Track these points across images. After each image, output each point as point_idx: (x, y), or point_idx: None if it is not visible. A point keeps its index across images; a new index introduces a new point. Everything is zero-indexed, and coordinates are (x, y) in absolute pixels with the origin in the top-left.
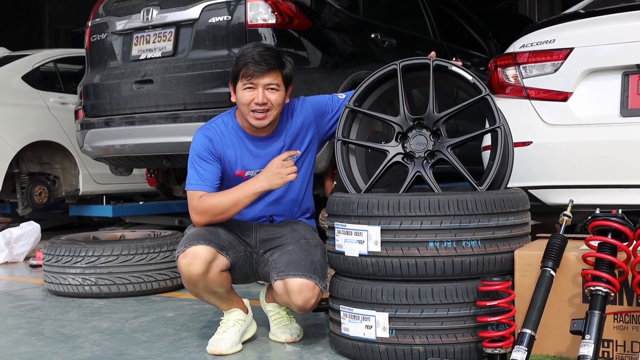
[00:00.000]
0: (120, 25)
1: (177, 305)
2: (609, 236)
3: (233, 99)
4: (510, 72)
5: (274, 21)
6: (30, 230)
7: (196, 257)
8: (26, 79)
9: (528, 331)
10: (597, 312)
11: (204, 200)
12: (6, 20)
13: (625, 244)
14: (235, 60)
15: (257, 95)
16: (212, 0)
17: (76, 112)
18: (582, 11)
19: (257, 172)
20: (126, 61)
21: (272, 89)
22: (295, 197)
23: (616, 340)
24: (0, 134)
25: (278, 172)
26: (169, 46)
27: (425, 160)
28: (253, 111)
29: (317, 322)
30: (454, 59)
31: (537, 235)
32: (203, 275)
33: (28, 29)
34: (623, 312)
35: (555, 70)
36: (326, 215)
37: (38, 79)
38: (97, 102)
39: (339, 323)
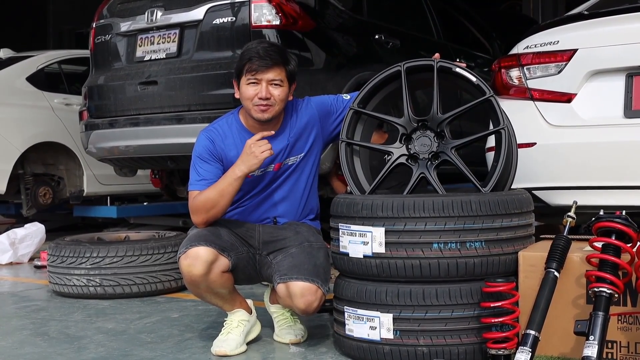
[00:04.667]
0: (125, 26)
1: (181, 306)
2: (613, 237)
3: (237, 95)
4: (514, 73)
5: (278, 22)
6: (34, 231)
7: (197, 258)
8: (31, 80)
9: (532, 332)
10: (600, 313)
11: (196, 199)
12: (10, 20)
13: (629, 245)
14: (240, 56)
15: (261, 90)
16: (216, 1)
17: (81, 113)
18: (586, 12)
19: (261, 172)
20: (130, 62)
21: (275, 84)
22: (299, 198)
23: (620, 342)
24: (5, 135)
25: (252, 152)
26: (173, 47)
27: (429, 162)
28: (256, 105)
29: (321, 323)
30: (457, 60)
31: (541, 236)
32: (204, 276)
33: (32, 29)
34: (627, 313)
35: (559, 72)
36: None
37: (42, 80)
38: (102, 103)
39: (343, 324)
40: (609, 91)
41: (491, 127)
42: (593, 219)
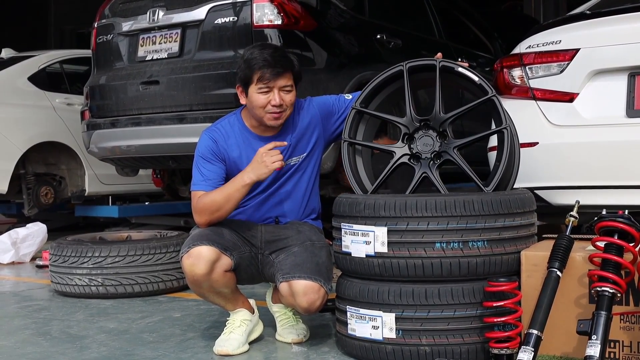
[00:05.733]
0: (127, 26)
1: (183, 306)
2: (616, 237)
3: (243, 102)
4: (516, 72)
5: (280, 22)
6: (36, 231)
7: (199, 258)
8: (32, 80)
9: (534, 332)
10: (603, 313)
11: (201, 200)
12: (11, 20)
13: (631, 244)
14: (246, 63)
15: (274, 97)
16: (218, 1)
17: (82, 113)
18: (588, 12)
19: None
20: (132, 62)
21: (286, 90)
22: (301, 197)
23: (622, 341)
24: (7, 134)
25: (263, 161)
26: (175, 47)
27: (431, 161)
28: (269, 113)
29: (323, 323)
30: (459, 59)
31: (543, 235)
32: (207, 276)
33: (33, 29)
34: (629, 312)
35: (562, 71)
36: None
37: (44, 80)
38: (104, 103)
39: (345, 323)
40: (611, 91)
41: (493, 126)
42: (595, 218)
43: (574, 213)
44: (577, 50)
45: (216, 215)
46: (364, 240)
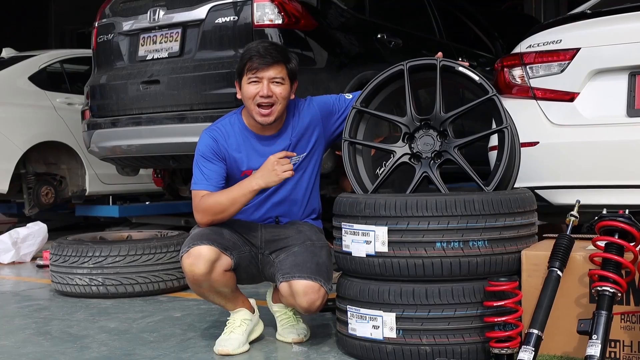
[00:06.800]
0: (127, 25)
1: (184, 306)
2: (616, 236)
3: (239, 96)
4: (517, 72)
5: (280, 21)
6: (37, 231)
7: (199, 257)
8: (33, 80)
9: (535, 331)
10: (604, 313)
11: (204, 200)
12: (12, 20)
13: (632, 244)
14: (240, 56)
15: (262, 88)
16: (218, 0)
17: (83, 113)
18: (588, 11)
19: None
20: (133, 62)
21: (277, 82)
22: (301, 197)
23: (623, 341)
24: (7, 134)
25: (274, 169)
26: (175, 46)
27: (432, 161)
28: (258, 105)
29: (324, 322)
30: (460, 59)
31: (544, 235)
32: (206, 275)
33: (34, 29)
34: (630, 312)
35: (562, 71)
36: None
37: (45, 80)
38: (104, 102)
39: (346, 323)
40: (611, 90)
41: (494, 126)
42: (596, 217)
43: (574, 212)
44: (578, 49)
45: (219, 216)
46: (365, 240)
